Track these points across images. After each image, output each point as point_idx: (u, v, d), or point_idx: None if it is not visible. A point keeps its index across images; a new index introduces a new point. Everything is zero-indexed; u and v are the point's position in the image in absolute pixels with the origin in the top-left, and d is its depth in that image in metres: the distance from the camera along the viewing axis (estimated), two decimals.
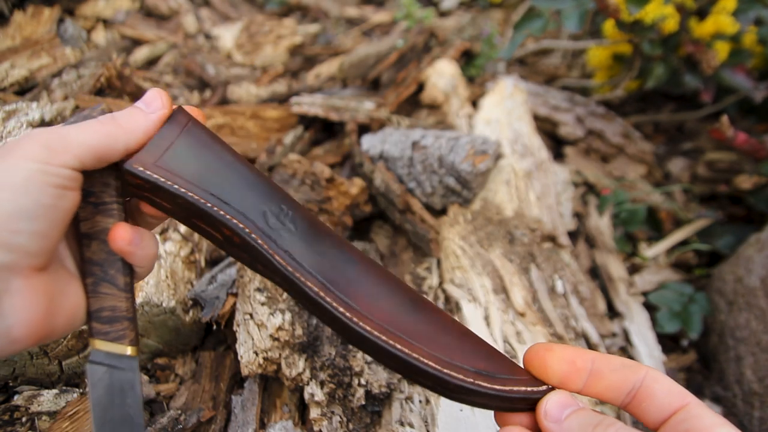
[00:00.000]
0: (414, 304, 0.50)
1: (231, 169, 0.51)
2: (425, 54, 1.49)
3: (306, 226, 0.51)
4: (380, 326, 0.47)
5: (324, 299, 0.47)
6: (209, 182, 0.49)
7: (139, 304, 0.78)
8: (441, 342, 0.47)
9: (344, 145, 1.25)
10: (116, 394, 0.47)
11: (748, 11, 1.20)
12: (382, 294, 0.49)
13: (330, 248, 0.50)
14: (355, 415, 0.74)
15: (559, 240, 1.03)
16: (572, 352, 0.46)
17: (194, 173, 0.49)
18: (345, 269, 0.50)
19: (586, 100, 1.48)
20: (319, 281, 0.48)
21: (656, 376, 0.43)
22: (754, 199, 1.21)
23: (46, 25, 1.48)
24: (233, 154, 0.52)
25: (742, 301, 0.99)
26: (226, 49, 1.67)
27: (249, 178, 0.51)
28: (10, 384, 0.77)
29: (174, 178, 0.48)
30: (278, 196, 0.52)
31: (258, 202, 0.50)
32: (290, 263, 0.48)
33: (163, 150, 0.49)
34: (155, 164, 0.48)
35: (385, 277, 0.51)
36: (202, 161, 0.50)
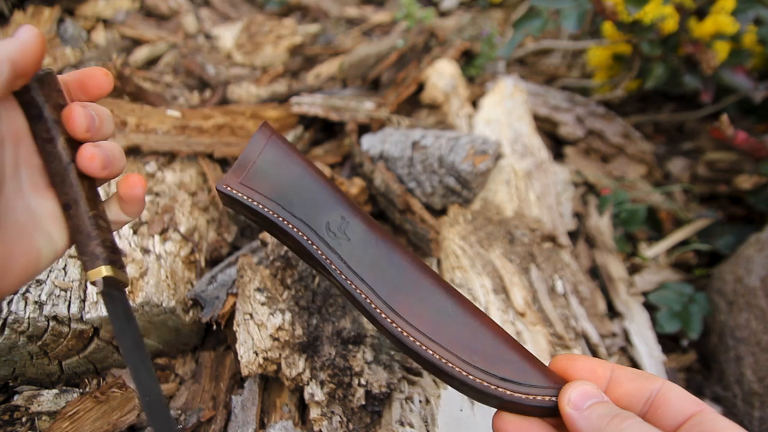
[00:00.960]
0: (454, 307, 0.55)
1: (301, 181, 0.60)
2: (425, 54, 1.49)
3: (362, 235, 0.59)
4: (418, 331, 0.53)
5: (370, 305, 0.55)
6: (281, 195, 0.59)
7: (138, 304, 0.78)
8: (474, 348, 0.52)
9: (344, 145, 1.25)
10: (129, 318, 0.50)
11: (747, 11, 1.20)
12: (425, 299, 0.55)
13: (382, 255, 0.58)
14: (355, 415, 0.74)
15: (559, 240, 1.03)
16: (592, 362, 0.49)
17: (270, 187, 0.59)
18: (393, 276, 0.56)
19: (586, 100, 1.48)
20: (368, 287, 0.56)
21: (671, 385, 0.46)
22: (754, 199, 1.21)
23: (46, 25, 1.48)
24: (306, 164, 0.61)
25: (742, 301, 0.99)
26: (226, 49, 1.67)
27: (316, 189, 0.60)
28: (10, 384, 0.77)
29: (252, 193, 0.58)
30: (341, 204, 0.60)
31: (322, 212, 0.59)
32: (344, 270, 0.57)
33: (247, 168, 0.59)
34: (239, 183, 0.59)
35: (429, 280, 0.57)
36: (277, 176, 0.60)
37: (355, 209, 0.60)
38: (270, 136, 0.62)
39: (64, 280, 0.78)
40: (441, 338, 0.52)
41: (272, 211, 0.58)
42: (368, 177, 1.07)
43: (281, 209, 0.58)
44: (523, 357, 0.51)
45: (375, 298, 0.55)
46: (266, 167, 0.60)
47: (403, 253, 0.58)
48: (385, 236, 0.59)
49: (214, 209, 1.06)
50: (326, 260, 0.57)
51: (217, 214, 1.06)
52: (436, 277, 0.57)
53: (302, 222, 0.58)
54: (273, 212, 0.58)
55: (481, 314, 0.55)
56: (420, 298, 0.55)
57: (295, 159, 0.61)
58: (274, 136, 0.62)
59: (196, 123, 1.16)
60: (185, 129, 1.14)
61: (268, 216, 0.57)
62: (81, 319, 0.75)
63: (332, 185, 0.61)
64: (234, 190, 0.58)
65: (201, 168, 1.12)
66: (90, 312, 0.75)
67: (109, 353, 0.81)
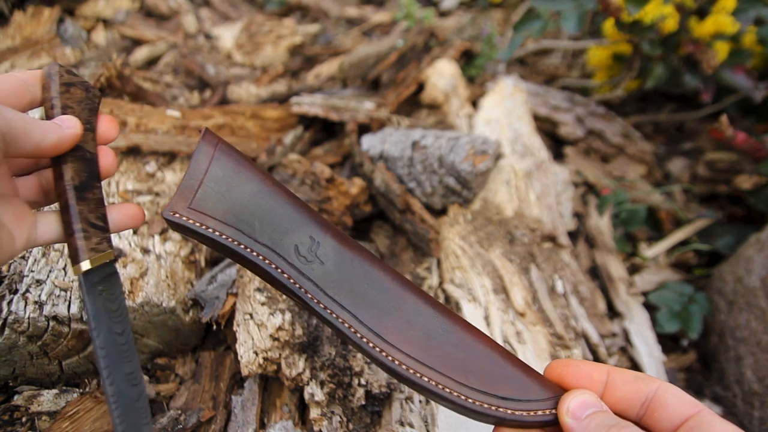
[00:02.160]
0: (444, 326, 0.51)
1: (260, 199, 0.53)
2: (425, 54, 1.49)
3: (336, 256, 0.52)
4: (410, 357, 0.49)
5: (355, 334, 0.50)
6: (239, 219, 0.52)
7: (138, 304, 0.78)
8: (470, 369, 0.49)
9: (344, 145, 1.25)
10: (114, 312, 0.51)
11: (747, 11, 1.20)
12: (414, 321, 0.51)
13: (361, 276, 0.52)
14: (355, 415, 0.74)
15: (559, 240, 1.03)
16: (589, 366, 0.48)
17: (225, 211, 0.51)
18: (375, 298, 0.51)
19: (586, 100, 1.48)
20: (350, 314, 0.50)
21: (668, 387, 0.45)
22: (754, 199, 1.21)
23: (46, 25, 1.48)
24: (262, 178, 0.54)
25: (742, 301, 0.99)
26: (226, 49, 1.67)
27: (278, 207, 0.53)
28: (10, 384, 0.77)
29: (205, 219, 0.51)
30: (308, 222, 0.53)
31: (288, 234, 0.52)
32: (321, 299, 0.51)
33: (195, 189, 0.52)
34: (188, 207, 0.51)
35: (416, 298, 0.52)
36: (232, 194, 0.52)
37: (324, 225, 0.54)
38: (216, 147, 0.53)
39: (64, 280, 0.78)
40: (434, 362, 0.49)
41: (231, 237, 0.51)
42: (368, 177, 1.07)
43: (241, 235, 0.51)
44: (519, 370, 0.50)
45: (359, 325, 0.50)
46: (217, 186, 0.52)
47: (382, 271, 0.53)
48: (362, 253, 0.54)
49: None
50: (300, 289, 0.51)
51: None
52: (420, 293, 0.53)
53: (267, 248, 0.51)
54: (232, 239, 0.51)
55: (471, 329, 0.52)
56: (407, 321, 0.51)
57: (250, 172, 0.53)
58: (221, 147, 0.54)
59: (196, 123, 1.16)
60: (185, 129, 1.14)
61: (227, 244, 0.50)
62: (81, 319, 0.75)
63: (295, 200, 0.55)
64: (184, 217, 0.50)
65: None
66: None
67: None
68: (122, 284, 0.53)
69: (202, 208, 0.51)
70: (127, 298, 0.78)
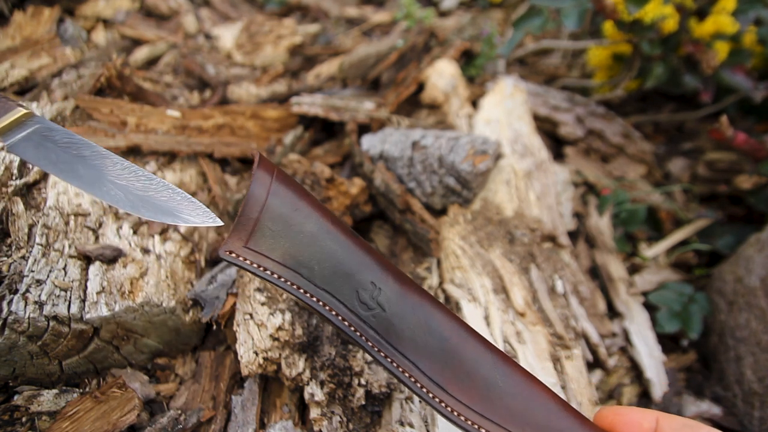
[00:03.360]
0: (504, 376, 0.51)
1: (320, 240, 0.50)
2: (425, 54, 1.49)
3: (398, 304, 0.51)
4: (470, 409, 0.49)
5: (415, 384, 0.49)
6: (298, 261, 0.49)
7: (138, 304, 0.78)
8: (527, 420, 0.49)
9: (344, 145, 1.25)
10: (48, 147, 0.52)
11: (747, 11, 1.20)
12: (473, 371, 0.50)
13: (422, 324, 0.51)
14: (355, 415, 0.74)
15: (559, 240, 1.03)
16: (638, 414, 0.49)
17: (283, 252, 0.49)
18: (436, 348, 0.50)
19: (586, 100, 1.48)
20: (411, 363, 0.49)
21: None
22: (754, 199, 1.21)
23: (46, 25, 1.47)
24: (321, 214, 0.52)
25: (742, 301, 0.99)
26: (226, 49, 1.67)
27: (339, 249, 0.51)
28: (10, 384, 0.77)
29: (263, 260, 0.49)
30: (369, 265, 0.51)
31: (349, 279, 0.50)
32: (383, 348, 0.50)
33: (252, 227, 0.49)
34: (245, 247, 0.49)
35: (476, 347, 0.52)
36: (290, 234, 0.50)
37: (385, 268, 0.52)
38: (272, 179, 0.51)
39: (64, 280, 0.78)
40: (493, 414, 0.49)
41: (290, 281, 0.49)
42: (368, 177, 1.07)
43: (300, 278, 0.49)
44: (574, 421, 0.50)
45: (420, 375, 0.49)
46: (274, 225, 0.49)
47: (442, 317, 0.52)
48: (422, 297, 0.53)
49: (214, 209, 1.06)
50: (361, 337, 0.50)
51: (217, 213, 1.06)
52: (480, 340, 0.53)
53: (328, 293, 0.49)
54: (291, 283, 0.49)
55: (529, 377, 0.52)
56: (467, 372, 0.50)
57: (308, 209, 0.51)
58: (278, 179, 0.51)
59: (196, 123, 1.16)
60: (185, 129, 1.14)
61: (285, 288, 0.49)
62: (81, 319, 0.75)
63: (356, 240, 0.53)
64: (241, 258, 0.49)
65: (201, 168, 1.12)
66: (90, 312, 0.76)
67: (109, 353, 0.81)
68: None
69: (260, 247, 0.49)
70: (127, 298, 0.78)
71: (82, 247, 0.82)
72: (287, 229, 0.50)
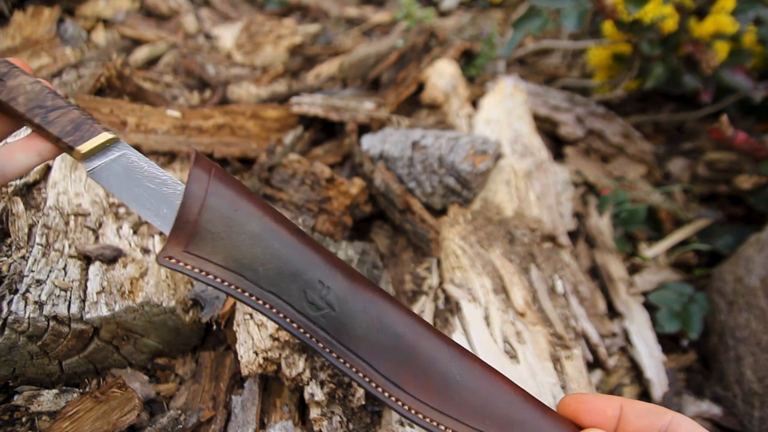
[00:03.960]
0: (461, 370, 0.50)
1: (263, 239, 0.48)
2: (425, 54, 1.49)
3: (348, 302, 0.49)
4: (427, 406, 0.48)
5: (370, 384, 0.48)
6: (241, 263, 0.47)
7: (138, 304, 0.78)
8: (487, 414, 0.48)
9: (344, 145, 1.25)
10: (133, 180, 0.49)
11: (747, 11, 1.20)
12: (429, 368, 0.49)
13: (373, 321, 0.49)
14: (355, 415, 0.74)
15: (559, 240, 1.03)
16: (602, 401, 0.48)
17: (225, 254, 0.47)
18: (389, 345, 0.49)
19: (586, 100, 1.48)
20: (365, 362, 0.48)
21: (681, 421, 0.46)
22: (754, 199, 1.21)
23: (46, 25, 1.47)
24: (263, 213, 0.49)
25: (742, 301, 0.99)
26: (226, 49, 1.67)
27: (284, 248, 0.48)
28: (10, 384, 0.77)
29: (205, 264, 0.47)
30: (316, 264, 0.49)
31: (296, 279, 0.48)
32: (335, 348, 0.48)
33: (191, 230, 0.47)
34: (185, 251, 0.47)
35: (431, 343, 0.50)
36: (231, 235, 0.47)
37: (333, 265, 0.50)
38: (210, 178, 0.48)
39: (64, 280, 0.78)
40: (453, 410, 0.48)
41: (234, 285, 0.47)
42: (368, 177, 1.07)
43: (245, 281, 0.47)
44: (537, 413, 0.49)
45: (375, 374, 0.48)
46: (214, 226, 0.47)
47: (395, 313, 0.50)
48: (374, 294, 0.51)
49: None
50: (311, 338, 0.48)
51: None
52: (436, 334, 0.51)
53: (274, 295, 0.47)
54: (235, 287, 0.47)
55: (488, 370, 0.51)
56: (423, 369, 0.49)
57: (250, 208, 0.49)
58: (216, 177, 0.48)
59: (196, 123, 1.16)
60: (185, 129, 1.14)
61: (230, 292, 0.47)
62: (81, 319, 0.75)
63: (301, 237, 0.50)
64: (181, 263, 0.46)
65: None
66: (90, 312, 0.75)
67: (109, 353, 0.81)
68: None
69: (200, 251, 0.47)
70: (127, 298, 0.78)
71: (82, 247, 0.82)
72: (228, 231, 0.47)
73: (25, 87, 0.51)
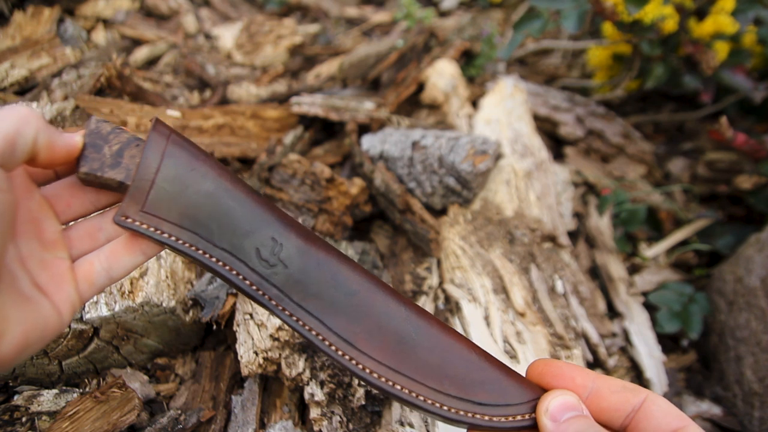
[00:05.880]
0: (417, 329, 0.49)
1: (217, 198, 0.49)
2: (425, 54, 1.49)
3: (301, 259, 0.49)
4: (381, 365, 0.47)
5: (323, 342, 0.47)
6: (196, 221, 0.48)
7: (138, 304, 0.78)
8: (445, 373, 0.47)
9: (344, 145, 1.25)
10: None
11: (747, 11, 1.20)
12: (384, 325, 0.48)
13: (327, 280, 0.49)
14: (355, 415, 0.74)
15: (559, 240, 1.03)
16: (572, 369, 0.46)
17: (180, 213, 0.48)
18: (344, 304, 0.49)
19: (586, 100, 1.48)
20: (318, 321, 0.48)
21: (655, 399, 0.44)
22: (754, 199, 1.21)
23: (46, 25, 1.47)
24: (218, 174, 0.50)
25: (742, 301, 0.99)
26: (226, 49, 1.67)
27: (237, 206, 0.49)
28: (10, 384, 0.77)
29: (160, 223, 0.47)
30: (269, 221, 0.50)
31: (249, 236, 0.49)
32: (287, 306, 0.48)
33: (147, 190, 0.47)
34: (141, 211, 0.47)
35: (386, 300, 0.50)
36: (187, 194, 0.48)
37: (287, 224, 0.50)
38: (167, 141, 0.49)
39: None
40: (407, 369, 0.47)
41: (188, 243, 0.47)
42: (368, 177, 1.07)
43: (199, 239, 0.47)
44: (498, 373, 0.48)
45: (327, 332, 0.47)
46: (171, 186, 0.48)
47: (350, 272, 0.50)
48: (328, 252, 0.50)
49: None
50: (263, 296, 0.48)
51: None
52: (391, 294, 0.50)
53: (227, 252, 0.48)
54: (190, 245, 0.47)
55: (447, 330, 0.50)
56: (378, 326, 0.48)
57: (205, 168, 0.49)
58: (173, 140, 0.49)
59: (196, 123, 1.16)
60: (185, 129, 1.14)
61: (184, 250, 0.47)
62: (81, 319, 0.75)
63: (255, 197, 0.51)
64: (137, 222, 0.47)
65: None
66: (90, 312, 0.75)
67: (109, 353, 0.81)
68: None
69: (156, 211, 0.47)
70: (127, 298, 0.78)
71: None
72: (184, 190, 0.48)
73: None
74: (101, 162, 0.48)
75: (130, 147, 0.49)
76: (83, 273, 0.48)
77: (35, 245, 0.45)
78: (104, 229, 0.50)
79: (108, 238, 0.50)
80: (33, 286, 0.44)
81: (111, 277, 0.49)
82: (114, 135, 0.49)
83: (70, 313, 0.45)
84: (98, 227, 0.50)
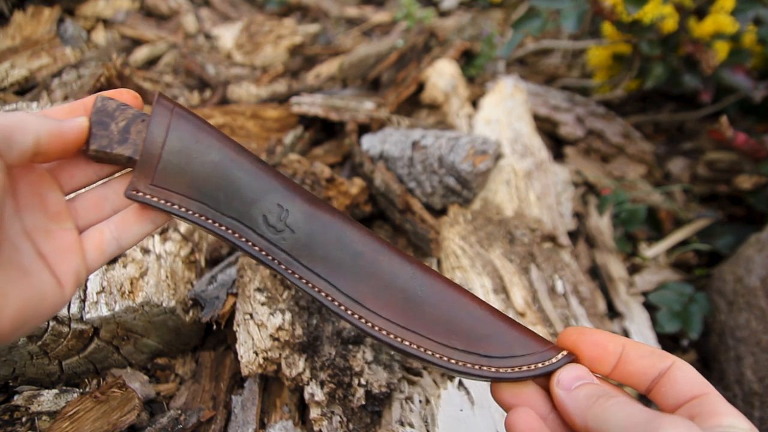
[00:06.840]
0: (423, 286, 0.50)
1: (223, 168, 0.50)
2: (425, 54, 1.49)
3: (307, 223, 0.51)
4: (390, 322, 0.48)
5: (333, 302, 0.49)
6: (203, 192, 0.50)
7: (138, 304, 0.78)
8: (452, 328, 0.49)
9: (344, 145, 1.25)
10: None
11: (747, 11, 1.20)
12: (391, 284, 0.50)
13: (333, 242, 0.51)
14: (355, 415, 0.74)
15: (559, 240, 1.03)
16: (604, 336, 0.48)
17: (188, 184, 0.50)
18: (350, 264, 0.50)
19: (586, 100, 1.48)
20: (327, 282, 0.49)
21: (682, 365, 0.45)
22: (754, 199, 1.21)
23: (46, 25, 1.47)
24: (223, 144, 0.52)
25: (742, 301, 0.99)
26: (226, 49, 1.67)
27: (242, 175, 0.51)
28: (10, 384, 0.77)
29: (170, 195, 0.49)
30: (275, 188, 0.51)
31: (255, 204, 0.50)
32: (296, 269, 0.50)
33: (155, 164, 0.49)
34: (151, 184, 0.49)
35: (392, 259, 0.51)
36: (192, 166, 0.50)
37: (292, 190, 0.52)
38: (171, 115, 0.51)
39: None
40: (415, 325, 0.49)
41: (198, 213, 0.49)
42: (368, 177, 1.07)
43: (207, 209, 0.49)
44: (502, 325, 0.49)
45: (336, 292, 0.49)
46: (177, 158, 0.49)
47: (356, 233, 0.52)
48: (333, 215, 0.52)
49: None
50: (273, 260, 0.50)
51: None
52: (397, 253, 0.52)
53: (235, 220, 0.50)
54: (199, 214, 0.49)
55: (453, 286, 0.51)
56: (385, 285, 0.50)
57: (210, 139, 0.51)
58: (177, 112, 0.51)
59: None
60: None
61: (194, 220, 0.49)
62: (81, 319, 0.75)
63: (260, 165, 0.52)
64: (147, 195, 0.49)
65: None
66: (90, 312, 0.75)
67: (109, 353, 0.81)
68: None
69: (165, 183, 0.49)
70: (127, 298, 0.78)
71: None
72: (190, 162, 0.50)
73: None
74: (109, 139, 0.48)
75: (136, 122, 0.50)
76: (94, 242, 0.48)
77: (40, 217, 0.46)
78: (110, 199, 0.51)
79: (114, 208, 0.51)
80: (37, 256, 0.44)
81: (121, 246, 0.50)
82: (120, 111, 0.50)
83: (73, 284, 0.46)
84: (104, 197, 0.51)
